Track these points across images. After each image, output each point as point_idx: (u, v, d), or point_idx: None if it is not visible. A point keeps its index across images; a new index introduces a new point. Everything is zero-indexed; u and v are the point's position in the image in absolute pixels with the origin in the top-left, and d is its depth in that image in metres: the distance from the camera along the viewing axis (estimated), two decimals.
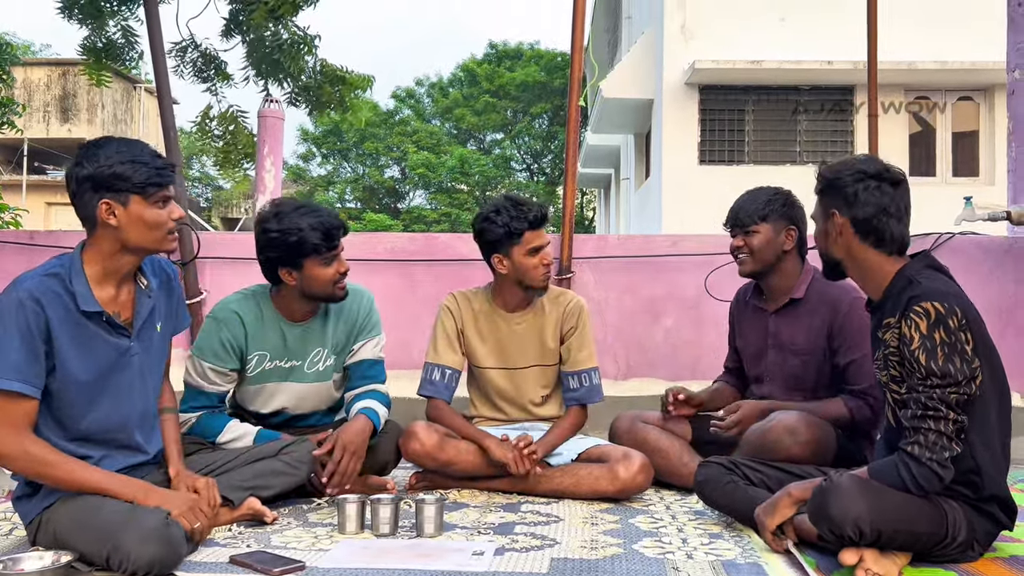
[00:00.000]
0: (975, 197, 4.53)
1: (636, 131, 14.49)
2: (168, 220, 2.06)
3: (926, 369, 1.91)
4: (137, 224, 2.02)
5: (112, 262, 2.05)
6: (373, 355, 2.82)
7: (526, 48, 27.29)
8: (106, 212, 2.01)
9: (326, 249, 2.56)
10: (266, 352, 2.71)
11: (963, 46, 10.86)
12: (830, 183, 2.13)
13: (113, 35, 5.70)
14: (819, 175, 2.18)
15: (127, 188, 2.00)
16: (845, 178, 2.10)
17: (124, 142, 2.06)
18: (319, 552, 2.11)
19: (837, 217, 2.11)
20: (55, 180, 22.48)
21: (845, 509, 1.88)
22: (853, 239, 2.10)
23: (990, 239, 4.21)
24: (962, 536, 1.99)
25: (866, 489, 1.91)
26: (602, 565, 2.02)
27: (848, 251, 2.12)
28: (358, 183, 28.54)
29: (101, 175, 1.99)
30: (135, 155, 2.02)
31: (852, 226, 2.08)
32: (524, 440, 2.73)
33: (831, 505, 1.90)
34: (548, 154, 27.51)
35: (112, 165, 1.99)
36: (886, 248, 2.08)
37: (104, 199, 2.00)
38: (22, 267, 4.13)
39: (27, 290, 1.95)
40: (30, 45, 25.98)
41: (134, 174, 2.00)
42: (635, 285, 4.12)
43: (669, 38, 11.79)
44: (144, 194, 2.02)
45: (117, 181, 1.99)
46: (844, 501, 1.88)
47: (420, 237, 4.38)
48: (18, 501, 2.09)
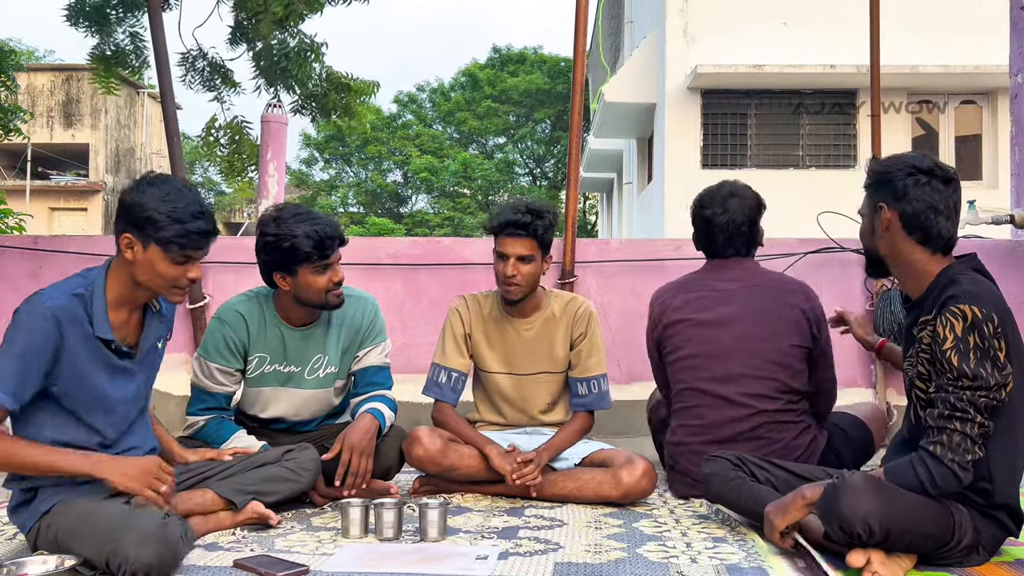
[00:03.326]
0: (978, 201, 4.52)
1: (638, 135, 14.50)
2: (181, 278, 2.07)
3: (958, 371, 1.90)
4: (148, 268, 2.05)
5: (128, 290, 2.09)
6: (379, 361, 2.81)
7: (529, 53, 27.33)
8: (126, 245, 2.04)
9: (318, 258, 2.54)
10: (266, 355, 2.71)
11: (966, 50, 10.86)
12: (880, 176, 2.10)
13: (122, 42, 5.72)
14: (869, 169, 2.16)
15: (151, 235, 2.02)
16: (895, 172, 2.06)
17: (177, 191, 2.05)
18: (323, 556, 2.10)
19: (885, 211, 2.07)
20: (59, 185, 22.56)
21: (856, 507, 1.87)
22: (899, 234, 2.06)
23: (994, 242, 4.20)
24: (967, 540, 1.98)
25: (878, 488, 1.90)
26: (606, 569, 2.02)
27: (893, 247, 2.09)
28: (361, 187, 28.59)
29: (137, 212, 2.01)
30: (178, 209, 2.02)
31: (900, 220, 2.05)
32: (525, 458, 2.71)
33: (842, 503, 1.89)
34: (551, 158, 27.54)
35: (150, 208, 2.01)
36: (931, 246, 2.05)
37: (128, 232, 2.03)
38: (26, 272, 4.18)
39: (51, 309, 1.97)
40: (34, 51, 26.09)
41: (164, 227, 2.01)
42: (638, 289, 4.12)
43: (671, 42, 11.80)
44: (166, 249, 2.03)
45: (147, 224, 2.02)
46: (855, 499, 1.87)
47: (423, 241, 4.38)
48: (14, 512, 2.09)
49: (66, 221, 22.42)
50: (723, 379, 2.75)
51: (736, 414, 2.72)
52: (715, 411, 2.75)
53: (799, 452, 2.71)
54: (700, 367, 2.79)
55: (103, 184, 22.58)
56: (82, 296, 2.02)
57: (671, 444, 2.89)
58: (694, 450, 2.76)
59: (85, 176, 22.76)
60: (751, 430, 2.71)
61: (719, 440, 2.72)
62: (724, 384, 2.74)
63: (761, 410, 2.70)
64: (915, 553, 1.99)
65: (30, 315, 1.96)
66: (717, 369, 2.76)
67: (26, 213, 8.10)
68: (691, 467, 2.76)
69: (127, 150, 23.90)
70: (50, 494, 2.01)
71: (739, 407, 2.72)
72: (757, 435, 2.70)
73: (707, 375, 2.77)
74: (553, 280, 4.00)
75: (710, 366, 2.77)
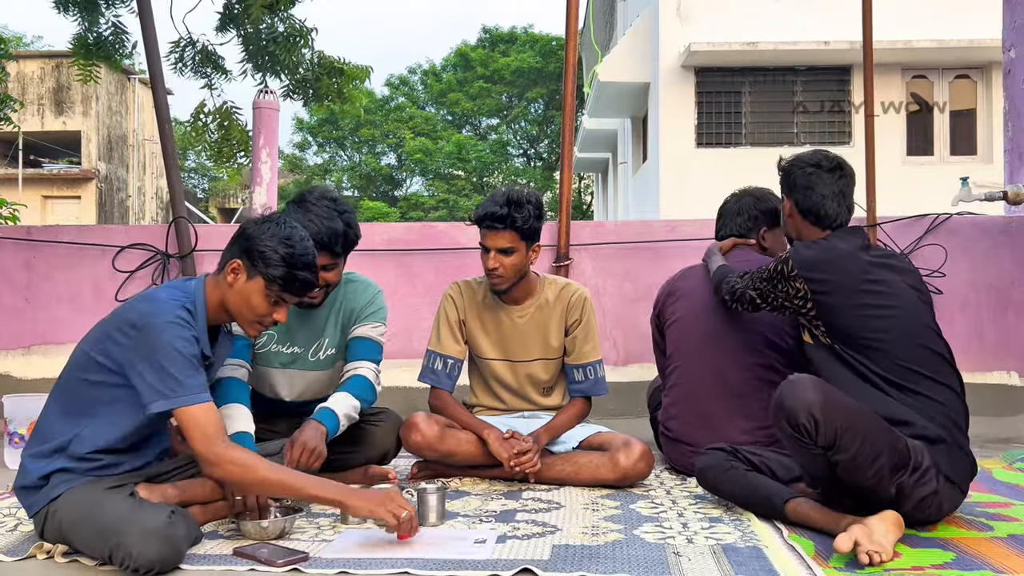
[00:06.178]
0: (972, 177, 4.52)
1: (633, 115, 14.45)
2: (267, 316, 2.15)
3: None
4: (242, 296, 2.13)
5: (218, 311, 2.17)
6: (368, 334, 2.73)
7: (520, 32, 27.16)
8: (232, 270, 2.13)
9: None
10: (272, 332, 2.70)
11: (960, 24, 10.82)
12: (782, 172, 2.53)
13: (104, 31, 5.66)
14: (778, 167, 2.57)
15: (260, 268, 2.11)
16: (790, 168, 2.49)
17: (299, 239, 2.14)
18: (322, 543, 2.12)
19: (786, 201, 2.49)
20: (51, 173, 22.44)
21: (798, 398, 2.06)
22: (798, 218, 2.47)
23: (987, 219, 4.21)
24: (926, 462, 2.09)
25: (821, 384, 2.11)
26: (603, 551, 2.04)
27: (796, 229, 2.49)
28: (355, 171, 28.49)
29: (255, 244, 2.12)
30: (293, 255, 2.11)
31: (796, 207, 2.46)
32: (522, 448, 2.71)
33: (786, 396, 2.10)
34: (545, 139, 27.44)
35: (269, 245, 2.11)
36: (822, 225, 2.42)
37: (240, 259, 2.12)
38: (20, 263, 4.17)
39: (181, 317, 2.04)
40: (22, 37, 25.86)
41: (274, 266, 2.11)
42: (634, 271, 4.12)
43: (665, 21, 11.74)
44: (268, 286, 2.12)
45: (259, 259, 2.11)
46: (798, 391, 2.08)
47: (417, 226, 4.37)
48: (25, 491, 2.09)
49: (60, 209, 22.31)
50: (714, 336, 2.85)
51: (725, 367, 2.81)
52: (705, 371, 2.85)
53: None
54: (692, 325, 2.91)
55: (96, 171, 22.47)
56: (190, 311, 2.10)
57: (665, 408, 2.99)
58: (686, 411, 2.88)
59: (78, 164, 22.63)
60: (740, 384, 2.79)
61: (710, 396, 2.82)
62: (715, 342, 2.84)
63: (749, 364, 2.79)
64: (883, 487, 2.06)
65: (170, 326, 2.01)
66: (708, 326, 2.87)
67: (20, 203, 8.05)
68: (684, 428, 2.86)
69: (119, 137, 23.75)
70: (61, 480, 2.02)
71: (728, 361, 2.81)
72: (744, 391, 2.78)
73: (698, 333, 2.89)
74: (548, 263, 4.00)
75: (702, 323, 2.88)
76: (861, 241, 2.38)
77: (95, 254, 4.16)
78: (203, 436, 1.99)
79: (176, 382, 1.98)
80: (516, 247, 2.76)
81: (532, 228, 2.76)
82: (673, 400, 2.94)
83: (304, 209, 2.56)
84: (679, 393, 2.92)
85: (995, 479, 2.85)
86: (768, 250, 3.00)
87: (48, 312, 4.16)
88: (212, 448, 1.99)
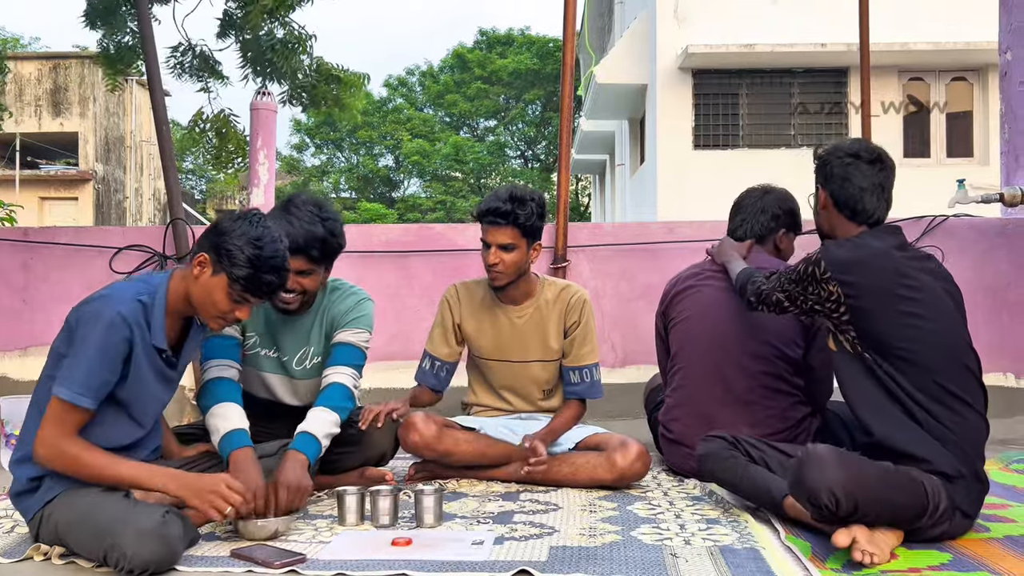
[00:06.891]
0: (968, 178, 4.53)
1: (630, 116, 14.47)
2: (229, 313, 2.12)
3: None
4: (205, 291, 2.10)
5: (182, 303, 2.15)
6: (348, 340, 2.63)
7: (516, 34, 27.18)
8: (198, 263, 2.10)
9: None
10: (255, 335, 2.68)
11: (956, 26, 10.84)
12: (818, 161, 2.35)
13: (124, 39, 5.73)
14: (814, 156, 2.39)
15: (224, 267, 2.08)
16: (828, 157, 2.31)
17: (269, 241, 2.09)
18: (319, 544, 2.12)
19: (821, 192, 2.32)
20: (48, 175, 22.40)
21: (820, 477, 1.92)
22: (833, 211, 2.31)
23: (984, 221, 4.22)
24: (944, 503, 2.03)
25: (840, 457, 1.97)
26: (601, 552, 2.04)
27: (829, 223, 2.32)
28: (352, 173, 28.48)
29: (222, 241, 2.08)
30: (260, 256, 2.07)
31: (831, 199, 2.30)
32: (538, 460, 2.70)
33: (807, 474, 1.95)
34: (542, 140, 27.45)
35: (235, 243, 2.07)
36: (859, 220, 2.26)
37: (207, 254, 2.09)
38: (17, 265, 4.16)
39: (121, 314, 2.02)
40: (19, 38, 25.84)
41: (239, 266, 2.06)
42: (631, 272, 4.13)
43: (662, 23, 11.76)
44: (231, 284, 2.08)
45: (225, 256, 2.07)
46: (819, 469, 1.93)
47: (415, 228, 4.37)
48: (19, 497, 2.09)
49: (57, 210, 22.26)
50: (720, 342, 2.80)
51: (731, 374, 2.77)
52: (710, 375, 2.81)
53: (790, 424, 2.74)
54: (698, 327, 2.86)
55: (93, 173, 22.43)
56: (145, 304, 2.08)
57: (667, 409, 2.95)
58: (688, 413, 2.84)
59: (75, 165, 22.59)
60: (746, 391, 2.75)
61: (714, 401, 2.78)
62: (721, 348, 2.79)
63: (755, 372, 2.75)
64: (899, 527, 2.01)
65: (101, 320, 2.00)
66: (715, 331, 2.81)
67: (17, 204, 8.04)
68: (685, 431, 2.83)
69: (117, 138, 23.72)
70: (55, 483, 2.02)
71: (735, 368, 2.77)
72: (751, 399, 2.75)
73: (704, 336, 2.83)
74: (546, 264, 4.01)
75: (708, 327, 2.83)
76: (896, 240, 2.22)
77: (92, 255, 4.16)
78: (58, 425, 1.98)
79: (77, 373, 1.97)
80: (517, 244, 2.77)
81: (534, 226, 2.77)
82: (676, 402, 2.91)
83: (287, 212, 2.52)
84: (682, 395, 2.89)
85: (992, 481, 2.84)
86: (782, 252, 2.96)
87: (45, 313, 4.16)
88: (57, 438, 1.98)
